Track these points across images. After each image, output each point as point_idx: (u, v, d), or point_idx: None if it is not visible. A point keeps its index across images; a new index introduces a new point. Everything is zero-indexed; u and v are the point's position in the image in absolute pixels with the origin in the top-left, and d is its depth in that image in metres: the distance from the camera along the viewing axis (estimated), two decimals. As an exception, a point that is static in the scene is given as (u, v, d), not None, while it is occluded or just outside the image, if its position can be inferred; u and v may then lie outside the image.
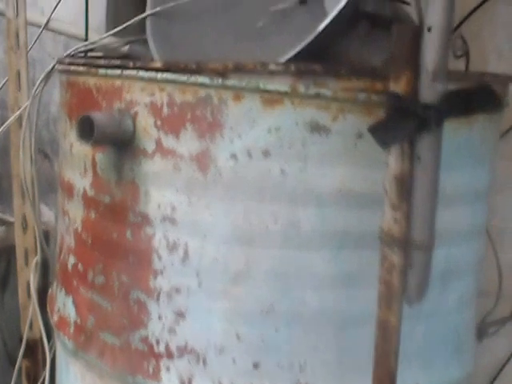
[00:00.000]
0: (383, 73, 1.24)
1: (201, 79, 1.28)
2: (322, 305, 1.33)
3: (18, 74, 1.83)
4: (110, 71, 1.39)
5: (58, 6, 2.10)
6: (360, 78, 1.28)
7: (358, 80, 1.28)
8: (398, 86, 1.16)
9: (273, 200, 1.31)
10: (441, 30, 1.12)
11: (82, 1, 2.09)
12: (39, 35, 2.09)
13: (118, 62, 1.39)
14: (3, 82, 1.94)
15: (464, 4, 2.00)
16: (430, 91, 1.14)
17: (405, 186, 1.19)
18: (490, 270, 1.82)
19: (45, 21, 2.10)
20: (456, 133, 1.35)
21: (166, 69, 1.32)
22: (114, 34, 2.05)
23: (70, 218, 1.56)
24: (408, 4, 1.65)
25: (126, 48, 1.85)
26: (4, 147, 2.08)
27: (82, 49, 1.75)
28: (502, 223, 2.01)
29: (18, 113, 1.82)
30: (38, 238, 1.90)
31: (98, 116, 1.33)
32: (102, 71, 1.41)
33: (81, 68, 1.47)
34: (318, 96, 1.27)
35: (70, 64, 1.51)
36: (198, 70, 1.29)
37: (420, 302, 1.24)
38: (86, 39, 1.97)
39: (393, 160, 1.19)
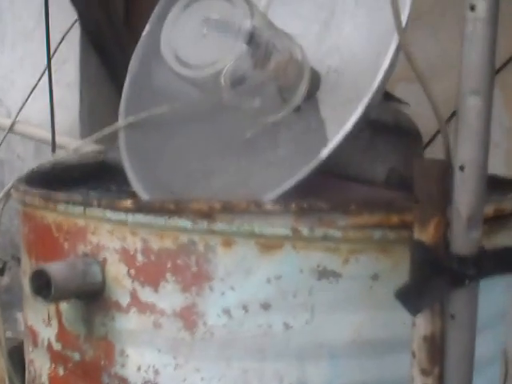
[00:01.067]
0: (398, 204, 1.05)
1: (182, 222, 1.08)
2: None
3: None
4: (70, 208, 1.18)
5: (26, 105, 1.90)
6: (373, 212, 1.07)
7: (370, 215, 1.07)
8: (425, 235, 0.96)
9: (276, 358, 1.12)
10: (476, 168, 0.91)
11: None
12: (4, 137, 1.90)
13: (78, 198, 1.17)
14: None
15: None
16: (464, 241, 0.94)
17: (436, 347, 0.99)
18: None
19: (9, 122, 1.91)
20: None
21: (137, 209, 1.10)
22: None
23: (36, 370, 1.34)
24: (408, 104, 1.47)
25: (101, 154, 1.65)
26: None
27: (48, 165, 1.53)
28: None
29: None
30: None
31: (57, 268, 1.12)
32: (61, 207, 1.20)
33: (37, 200, 1.25)
34: (325, 238, 1.06)
35: (25, 193, 1.28)
36: (178, 211, 1.08)
37: None
38: (53, 148, 1.75)
39: (422, 320, 0.98)
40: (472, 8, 0.90)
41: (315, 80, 1.41)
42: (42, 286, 1.12)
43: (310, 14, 1.47)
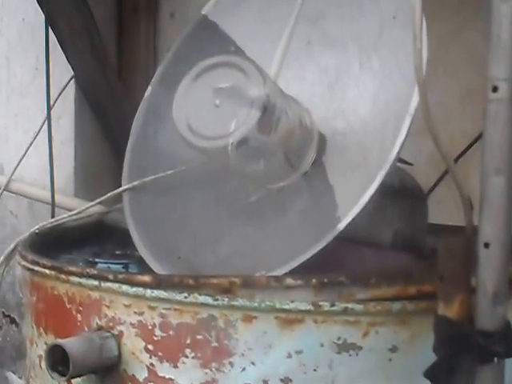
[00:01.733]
0: (416, 275, 1.09)
1: (202, 298, 1.08)
2: None
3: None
4: (84, 280, 1.17)
5: (21, 162, 1.90)
6: (391, 284, 1.08)
7: (389, 287, 1.08)
8: (450, 311, 0.97)
9: None
10: (500, 245, 0.92)
11: (45, 159, 1.90)
12: (-1, 195, 1.90)
13: (94, 271, 1.17)
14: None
15: None
16: (490, 316, 0.95)
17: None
18: None
19: (3, 180, 1.90)
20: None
21: (156, 284, 1.10)
22: (85, 197, 1.87)
23: None
24: (411, 165, 1.49)
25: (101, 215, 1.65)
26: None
27: (48, 225, 1.53)
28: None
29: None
30: None
31: (74, 344, 1.11)
32: (74, 279, 1.19)
33: (47, 271, 1.24)
34: (345, 311, 1.06)
35: (35, 263, 1.28)
36: (198, 287, 1.08)
37: None
38: (53, 213, 1.75)
39: (446, 396, 0.97)
40: (494, 89, 0.92)
41: (321, 143, 1.42)
42: (58, 361, 1.11)
43: (314, 77, 1.49)
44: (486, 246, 0.94)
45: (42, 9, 1.81)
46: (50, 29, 1.80)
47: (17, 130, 2.11)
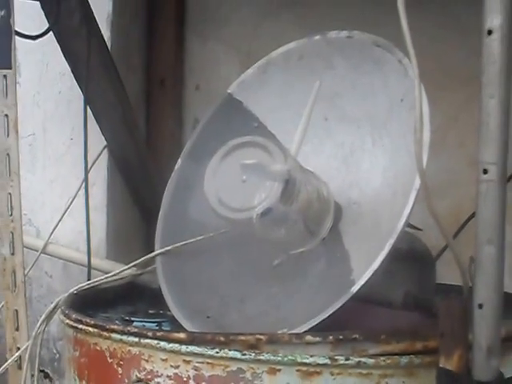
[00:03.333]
0: (421, 332, 1.25)
1: (232, 353, 1.24)
2: None
3: (16, 313, 1.77)
4: (125, 337, 1.34)
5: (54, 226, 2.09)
6: (399, 340, 1.24)
7: (397, 343, 1.24)
8: (450, 364, 1.13)
9: None
10: (493, 307, 1.09)
11: (79, 222, 2.08)
12: (36, 260, 2.07)
13: (135, 329, 1.33)
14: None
15: None
16: (485, 368, 1.11)
17: None
18: None
19: (39, 243, 2.08)
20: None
21: (191, 341, 1.27)
22: (116, 259, 2.04)
23: None
24: (421, 230, 1.65)
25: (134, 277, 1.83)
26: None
27: (86, 286, 1.71)
28: None
29: (17, 354, 1.75)
30: None
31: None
32: (116, 336, 1.36)
33: (91, 329, 1.41)
34: (358, 365, 1.23)
35: (78, 321, 1.45)
36: (228, 343, 1.24)
37: None
38: (89, 275, 1.93)
39: None
40: (485, 172, 1.09)
41: (338, 211, 1.59)
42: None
43: (331, 151, 1.66)
44: (480, 306, 1.10)
45: (79, 85, 2.00)
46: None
47: (52, 195, 2.30)
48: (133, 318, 1.60)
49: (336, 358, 1.23)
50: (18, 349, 1.80)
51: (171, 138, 2.45)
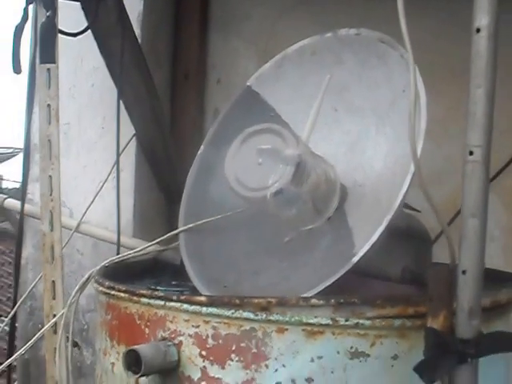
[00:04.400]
0: (413, 299, 1.39)
1: (245, 314, 1.37)
2: None
3: (53, 284, 1.91)
4: (152, 301, 1.47)
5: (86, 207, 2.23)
6: (394, 305, 1.37)
7: (392, 308, 1.37)
8: (436, 323, 1.25)
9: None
10: (475, 272, 1.21)
11: (108, 204, 2.22)
12: (70, 238, 2.21)
13: (161, 294, 1.47)
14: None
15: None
16: (466, 328, 1.24)
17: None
18: None
19: (73, 222, 2.22)
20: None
21: (210, 303, 1.40)
22: (142, 237, 2.17)
23: None
24: (419, 212, 1.76)
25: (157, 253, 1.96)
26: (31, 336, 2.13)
27: (116, 260, 1.84)
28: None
29: (53, 320, 1.90)
30: None
31: (145, 349, 1.40)
32: (144, 300, 1.49)
33: (122, 294, 1.54)
34: (356, 326, 1.35)
35: (111, 288, 1.58)
36: (242, 305, 1.37)
37: None
38: (118, 250, 2.07)
39: (433, 390, 1.26)
40: (470, 153, 1.21)
41: (343, 193, 1.72)
42: (132, 362, 1.41)
43: (339, 138, 1.79)
44: (464, 273, 1.23)
45: (113, 79, 2.14)
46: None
47: (84, 179, 2.44)
48: (158, 287, 1.74)
49: (337, 319, 1.36)
50: (54, 316, 1.95)
51: (193, 127, 2.59)
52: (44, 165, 1.84)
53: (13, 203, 2.44)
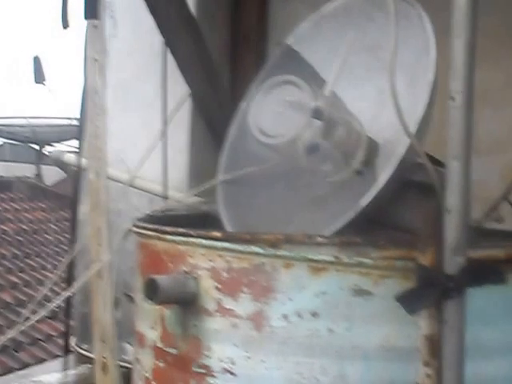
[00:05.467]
0: (416, 242, 1.53)
1: (255, 249, 1.59)
2: None
3: (99, 230, 2.18)
4: (175, 238, 1.71)
5: (145, 164, 2.48)
6: (397, 247, 1.56)
7: (395, 249, 1.56)
8: (425, 259, 1.44)
9: (322, 355, 1.60)
10: (458, 212, 1.40)
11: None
12: (124, 192, 2.48)
13: (182, 230, 1.71)
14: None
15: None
16: (451, 264, 1.42)
17: (435, 344, 1.46)
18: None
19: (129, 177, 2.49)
20: (492, 290, 1.59)
21: (224, 238, 1.63)
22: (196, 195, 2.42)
23: (142, 366, 1.86)
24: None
25: (205, 207, 2.19)
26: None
27: (160, 211, 2.09)
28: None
29: (99, 265, 2.16)
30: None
31: (163, 279, 1.64)
32: (168, 237, 1.74)
33: (151, 233, 1.79)
34: (359, 264, 1.55)
35: (143, 228, 1.83)
36: (253, 241, 1.60)
37: None
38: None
39: (423, 322, 1.46)
40: (452, 99, 1.40)
41: (374, 149, 1.91)
42: (152, 292, 1.65)
43: (372, 96, 1.98)
44: (449, 212, 1.42)
45: (164, 37, 2.39)
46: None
47: (143, 137, 2.70)
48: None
49: (340, 257, 1.57)
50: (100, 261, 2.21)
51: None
52: (91, 115, 2.10)
53: (72, 158, 2.72)
